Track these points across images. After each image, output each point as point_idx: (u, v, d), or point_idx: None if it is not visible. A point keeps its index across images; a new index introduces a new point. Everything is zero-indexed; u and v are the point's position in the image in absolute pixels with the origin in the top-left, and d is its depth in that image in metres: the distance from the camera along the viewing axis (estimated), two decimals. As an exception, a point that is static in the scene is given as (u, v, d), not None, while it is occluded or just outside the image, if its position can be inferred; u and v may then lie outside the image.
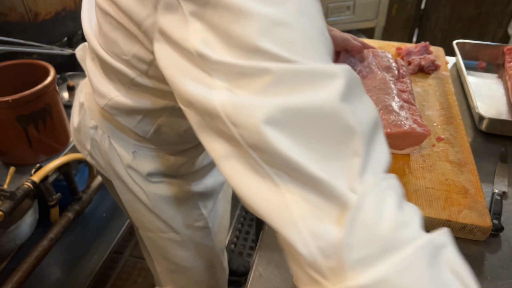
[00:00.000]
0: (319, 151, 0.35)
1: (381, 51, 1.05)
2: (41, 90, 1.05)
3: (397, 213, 0.36)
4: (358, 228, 0.34)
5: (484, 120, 0.93)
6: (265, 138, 0.34)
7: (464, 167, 0.79)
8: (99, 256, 1.55)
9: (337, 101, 0.35)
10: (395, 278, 0.32)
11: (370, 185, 0.36)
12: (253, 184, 0.37)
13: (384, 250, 0.34)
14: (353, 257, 0.33)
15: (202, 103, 0.38)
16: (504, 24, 2.38)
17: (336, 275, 0.34)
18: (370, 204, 0.35)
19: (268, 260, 0.66)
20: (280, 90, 0.35)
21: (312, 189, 0.35)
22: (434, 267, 0.34)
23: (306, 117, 0.35)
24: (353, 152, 0.36)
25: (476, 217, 0.68)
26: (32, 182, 1.03)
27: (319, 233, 0.35)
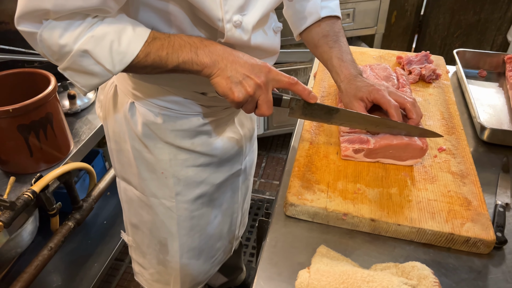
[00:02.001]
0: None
1: (377, 64, 1.05)
2: (41, 100, 1.05)
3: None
4: (44, 42, 0.63)
5: (485, 130, 0.93)
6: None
7: (467, 178, 0.79)
8: (100, 263, 1.55)
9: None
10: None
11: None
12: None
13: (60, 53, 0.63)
14: (52, 58, 0.66)
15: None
16: (503, 31, 2.39)
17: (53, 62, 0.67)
18: (52, 27, 0.61)
19: (269, 276, 0.65)
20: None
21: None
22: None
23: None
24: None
25: (480, 230, 0.68)
26: (32, 192, 1.03)
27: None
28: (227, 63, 0.68)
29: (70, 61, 0.64)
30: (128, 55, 0.65)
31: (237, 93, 0.68)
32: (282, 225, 0.74)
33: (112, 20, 0.65)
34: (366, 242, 0.70)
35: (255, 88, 0.69)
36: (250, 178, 1.15)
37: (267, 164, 2.35)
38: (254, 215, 2.02)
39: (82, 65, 0.64)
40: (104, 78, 0.67)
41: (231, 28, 0.69)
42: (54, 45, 0.62)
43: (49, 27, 0.61)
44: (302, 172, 0.79)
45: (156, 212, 0.96)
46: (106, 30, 0.63)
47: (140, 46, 0.65)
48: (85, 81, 0.67)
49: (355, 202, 0.73)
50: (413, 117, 0.82)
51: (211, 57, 0.68)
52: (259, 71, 0.70)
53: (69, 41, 0.62)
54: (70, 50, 0.62)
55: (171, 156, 0.88)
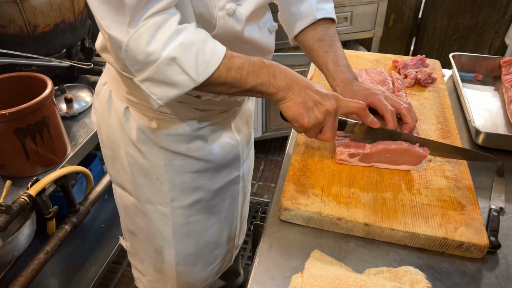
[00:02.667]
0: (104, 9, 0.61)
1: (373, 68, 1.06)
2: (38, 103, 1.05)
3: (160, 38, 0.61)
4: (129, 52, 0.62)
5: (480, 134, 0.93)
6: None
7: (461, 182, 0.79)
8: (97, 266, 1.55)
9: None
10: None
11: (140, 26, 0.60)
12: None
13: (145, 62, 0.63)
14: (133, 68, 0.64)
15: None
16: (501, 34, 2.40)
17: (131, 73, 0.65)
18: (138, 36, 0.60)
19: (263, 280, 0.65)
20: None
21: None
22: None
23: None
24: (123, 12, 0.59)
25: (473, 234, 0.68)
26: (29, 196, 1.03)
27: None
28: (301, 88, 0.70)
29: (154, 70, 0.63)
30: (210, 65, 0.64)
31: (308, 118, 0.70)
32: (276, 229, 0.74)
33: (195, 30, 0.64)
34: (360, 247, 0.70)
35: (325, 114, 0.71)
36: (248, 184, 1.15)
37: (265, 167, 2.35)
38: (252, 218, 2.02)
39: (166, 74, 0.63)
40: (184, 89, 0.65)
41: (223, 15, 0.69)
42: (141, 54, 0.61)
43: (136, 35, 0.60)
44: (296, 176, 0.80)
45: (151, 218, 0.95)
46: (193, 39, 0.63)
47: (221, 58, 0.65)
48: (164, 92, 0.65)
49: (349, 206, 0.73)
50: (408, 122, 0.82)
51: (286, 81, 0.70)
52: (330, 98, 0.71)
53: (157, 48, 0.61)
54: (157, 58, 0.61)
55: (166, 162, 0.87)
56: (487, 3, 2.32)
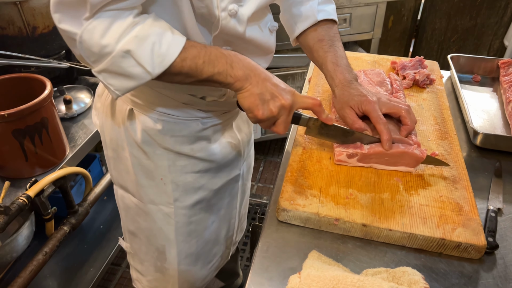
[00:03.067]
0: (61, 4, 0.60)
1: (371, 69, 1.06)
2: (37, 104, 1.05)
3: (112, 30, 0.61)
4: (83, 43, 0.62)
5: (478, 135, 0.94)
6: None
7: (459, 183, 0.79)
8: (96, 268, 1.55)
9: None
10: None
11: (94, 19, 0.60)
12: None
13: (100, 54, 0.63)
14: (89, 60, 0.64)
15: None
16: (500, 36, 2.40)
17: (88, 64, 0.66)
18: (92, 28, 0.60)
19: (260, 281, 0.65)
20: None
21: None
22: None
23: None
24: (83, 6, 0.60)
25: (471, 235, 0.68)
26: (27, 197, 1.03)
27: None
28: (259, 80, 0.70)
29: (109, 62, 0.63)
30: (167, 57, 0.64)
31: (262, 110, 0.70)
32: (274, 230, 0.74)
33: (153, 22, 0.64)
34: (358, 247, 0.71)
35: (280, 109, 0.71)
36: (247, 183, 1.15)
37: (265, 168, 2.36)
38: (252, 219, 2.02)
39: (121, 66, 0.63)
40: (141, 81, 0.65)
41: (226, 16, 0.69)
42: (95, 46, 0.61)
43: (90, 27, 0.60)
44: (294, 177, 0.80)
45: (154, 219, 0.96)
46: (149, 32, 0.63)
47: (179, 50, 0.65)
48: (121, 83, 0.66)
49: (347, 207, 0.73)
50: (407, 124, 0.82)
51: (244, 71, 0.69)
52: (286, 92, 0.71)
53: (111, 40, 0.61)
54: (112, 50, 0.62)
55: (170, 162, 0.88)
56: (486, 5, 2.32)
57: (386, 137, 0.79)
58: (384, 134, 0.79)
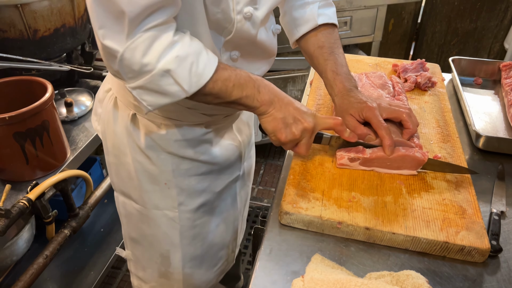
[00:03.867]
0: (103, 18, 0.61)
1: (373, 72, 1.06)
2: (38, 107, 1.05)
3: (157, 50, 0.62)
4: (124, 61, 0.62)
5: (481, 138, 0.93)
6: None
7: (461, 186, 0.79)
8: (97, 271, 1.54)
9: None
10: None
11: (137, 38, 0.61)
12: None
13: (140, 72, 0.64)
14: (126, 76, 0.65)
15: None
16: (500, 39, 2.40)
17: (123, 79, 0.66)
18: (135, 47, 0.61)
19: (264, 284, 0.65)
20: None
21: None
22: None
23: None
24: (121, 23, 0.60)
25: (474, 238, 0.68)
26: (28, 200, 1.03)
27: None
28: (282, 104, 0.72)
29: (148, 80, 0.64)
30: (203, 77, 0.65)
31: (285, 134, 0.72)
32: (277, 233, 0.74)
33: (190, 42, 0.65)
34: (361, 251, 0.70)
35: (302, 131, 0.73)
36: (249, 184, 1.15)
37: (265, 171, 2.35)
38: (252, 223, 2.01)
39: (159, 84, 0.64)
40: (175, 99, 0.66)
41: (241, 19, 0.70)
42: (136, 64, 0.62)
43: (132, 46, 0.61)
44: (297, 180, 0.79)
45: (158, 224, 0.95)
46: (188, 51, 0.64)
47: (213, 70, 0.66)
48: (155, 100, 0.67)
49: (349, 210, 0.73)
50: (409, 127, 0.82)
51: (269, 96, 0.71)
52: (308, 116, 0.73)
53: (152, 60, 0.62)
54: (152, 69, 0.62)
55: (174, 167, 0.87)
56: (486, 8, 2.33)
57: (388, 142, 0.78)
58: (386, 140, 0.78)
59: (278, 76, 2.02)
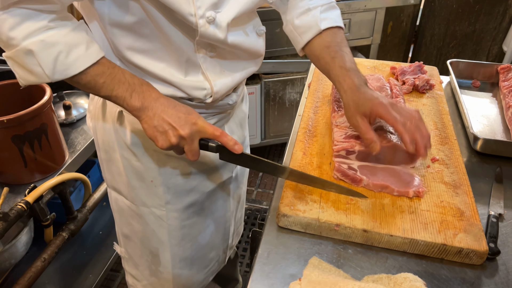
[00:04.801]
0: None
1: (370, 74, 1.06)
2: (36, 110, 1.05)
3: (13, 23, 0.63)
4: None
5: (478, 140, 0.93)
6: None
7: (459, 188, 0.79)
8: (95, 274, 1.53)
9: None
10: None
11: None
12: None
13: (6, 44, 0.65)
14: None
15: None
16: (499, 41, 2.41)
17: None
18: (4, 18, 0.62)
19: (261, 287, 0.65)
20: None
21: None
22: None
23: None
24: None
25: (472, 241, 0.68)
26: (26, 203, 1.03)
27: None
28: (156, 112, 0.72)
29: (14, 54, 0.65)
30: (71, 68, 0.67)
31: (161, 141, 0.72)
32: (274, 236, 0.74)
33: (68, 33, 0.66)
34: (359, 253, 0.70)
35: (179, 139, 0.72)
36: (243, 186, 1.15)
37: (264, 174, 2.35)
38: (251, 225, 2.01)
39: (24, 62, 0.65)
40: (41, 80, 0.68)
41: (204, 23, 0.70)
42: (3, 34, 0.64)
43: (2, 17, 0.62)
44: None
45: (147, 221, 0.96)
46: (59, 40, 0.65)
47: (86, 66, 0.67)
48: (24, 75, 0.68)
49: (347, 212, 0.73)
50: (423, 132, 0.77)
51: (143, 102, 0.71)
52: (185, 123, 0.72)
53: (18, 36, 0.63)
54: (17, 44, 0.64)
55: (160, 164, 0.88)
56: (484, 11, 2.33)
57: (408, 138, 0.73)
58: (405, 135, 0.73)
59: (277, 78, 2.03)
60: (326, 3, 0.87)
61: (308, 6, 0.87)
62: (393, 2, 2.05)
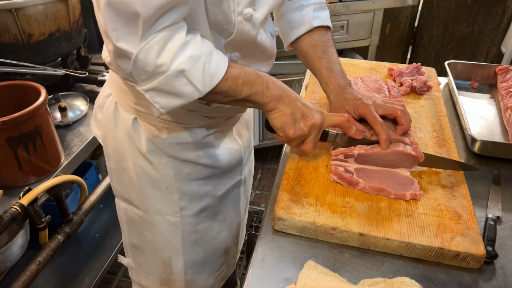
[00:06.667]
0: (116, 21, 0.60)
1: (368, 76, 1.06)
2: (31, 112, 1.04)
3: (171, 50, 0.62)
4: (138, 63, 0.62)
5: (476, 142, 0.93)
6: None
7: (457, 191, 0.78)
8: (92, 277, 1.52)
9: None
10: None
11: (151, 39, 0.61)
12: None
13: (154, 73, 0.63)
14: (139, 78, 0.64)
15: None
16: (497, 42, 2.41)
17: (136, 82, 0.66)
18: (149, 48, 0.61)
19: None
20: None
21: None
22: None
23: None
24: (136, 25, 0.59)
25: (469, 244, 0.67)
26: (20, 206, 1.02)
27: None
28: (291, 100, 0.72)
29: (162, 82, 0.63)
30: (215, 77, 0.65)
31: (294, 129, 0.72)
32: (270, 239, 0.73)
33: (201, 41, 0.66)
34: (355, 257, 0.69)
35: (311, 127, 0.73)
36: (249, 188, 1.14)
37: (263, 175, 2.34)
38: (249, 227, 2.00)
39: (173, 85, 0.64)
40: (189, 100, 0.66)
41: (241, 21, 0.70)
42: (150, 65, 0.62)
43: (146, 47, 0.61)
44: (291, 186, 0.78)
45: (160, 230, 0.94)
46: (201, 51, 0.64)
47: (225, 69, 0.66)
48: (167, 102, 0.66)
49: (343, 216, 0.72)
50: (404, 124, 0.83)
51: (278, 91, 0.72)
52: (316, 112, 0.74)
53: (167, 60, 0.61)
54: (167, 70, 0.62)
55: (175, 171, 0.87)
56: (483, 12, 2.33)
57: (384, 137, 0.79)
58: (382, 134, 0.79)
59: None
60: (318, 2, 0.92)
61: (302, 3, 0.91)
62: (391, 4, 2.05)
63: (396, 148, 0.79)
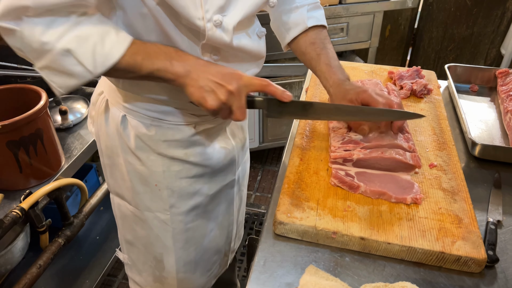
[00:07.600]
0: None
1: (368, 79, 1.06)
2: (32, 115, 1.04)
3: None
4: (24, 39, 0.61)
5: (477, 146, 0.93)
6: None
7: (458, 195, 0.78)
8: (92, 279, 1.52)
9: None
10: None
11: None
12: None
13: (41, 51, 0.62)
14: (31, 55, 0.64)
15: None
16: (497, 44, 2.41)
17: (30, 59, 0.65)
18: (34, 25, 0.60)
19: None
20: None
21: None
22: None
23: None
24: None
25: (471, 248, 0.67)
26: (21, 209, 1.02)
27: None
28: (199, 73, 0.70)
29: (50, 60, 0.63)
30: (109, 57, 0.65)
31: (210, 101, 0.70)
32: (271, 243, 0.73)
33: (96, 22, 0.65)
34: (356, 261, 0.69)
35: (228, 95, 0.71)
36: (244, 189, 1.15)
37: (263, 177, 2.34)
38: (250, 229, 2.00)
39: (62, 65, 0.64)
40: (83, 79, 0.66)
41: (211, 27, 0.70)
42: (35, 42, 0.61)
43: (31, 23, 0.60)
44: (291, 189, 0.79)
45: (151, 226, 0.95)
46: (91, 31, 0.64)
47: (122, 50, 0.66)
48: (63, 81, 0.66)
49: (344, 220, 0.72)
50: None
51: (184, 67, 0.70)
52: (231, 78, 0.71)
53: (52, 38, 0.61)
54: (52, 48, 0.62)
55: (164, 168, 0.88)
56: (482, 14, 2.34)
57: (394, 105, 0.81)
58: (392, 105, 0.81)
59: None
60: (312, 2, 0.94)
61: (296, 4, 0.92)
62: (391, 6, 2.05)
63: (394, 156, 0.79)
